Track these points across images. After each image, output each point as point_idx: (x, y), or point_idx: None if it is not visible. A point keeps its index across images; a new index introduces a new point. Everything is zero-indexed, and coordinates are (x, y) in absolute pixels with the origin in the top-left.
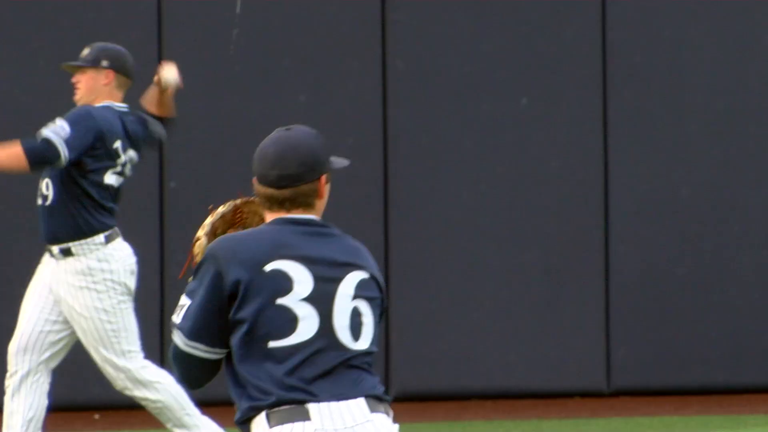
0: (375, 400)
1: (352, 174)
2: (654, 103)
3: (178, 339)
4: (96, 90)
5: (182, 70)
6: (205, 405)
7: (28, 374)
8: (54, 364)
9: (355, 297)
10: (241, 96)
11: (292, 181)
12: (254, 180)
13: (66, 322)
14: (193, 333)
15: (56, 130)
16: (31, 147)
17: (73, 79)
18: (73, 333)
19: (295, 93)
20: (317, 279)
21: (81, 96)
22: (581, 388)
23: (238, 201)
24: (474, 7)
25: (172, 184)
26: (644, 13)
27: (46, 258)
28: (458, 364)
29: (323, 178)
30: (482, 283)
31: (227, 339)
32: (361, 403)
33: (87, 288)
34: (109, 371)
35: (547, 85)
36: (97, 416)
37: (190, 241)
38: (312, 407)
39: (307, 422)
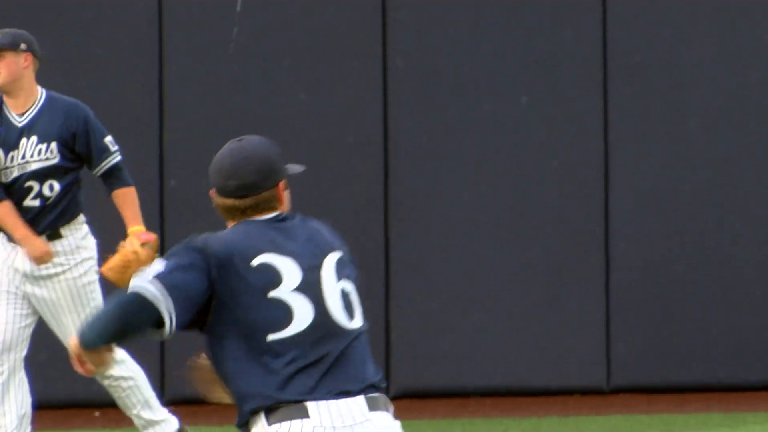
0: (375, 396)
1: (353, 173)
2: (654, 101)
3: (150, 284)
4: (18, 73)
5: (182, 69)
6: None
7: (13, 372)
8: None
9: (339, 278)
10: (241, 94)
11: (251, 189)
12: (212, 192)
13: (35, 313)
14: (171, 286)
15: (116, 147)
16: (129, 178)
17: None
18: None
19: (295, 91)
20: (303, 268)
21: (3, 82)
22: (581, 385)
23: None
24: (474, 6)
25: (172, 182)
26: (644, 11)
27: (6, 252)
28: (458, 361)
29: (281, 184)
30: (482, 282)
31: (187, 322)
32: (360, 401)
33: (75, 265)
34: None
35: (547, 84)
36: (97, 413)
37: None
38: (311, 405)
39: (305, 419)
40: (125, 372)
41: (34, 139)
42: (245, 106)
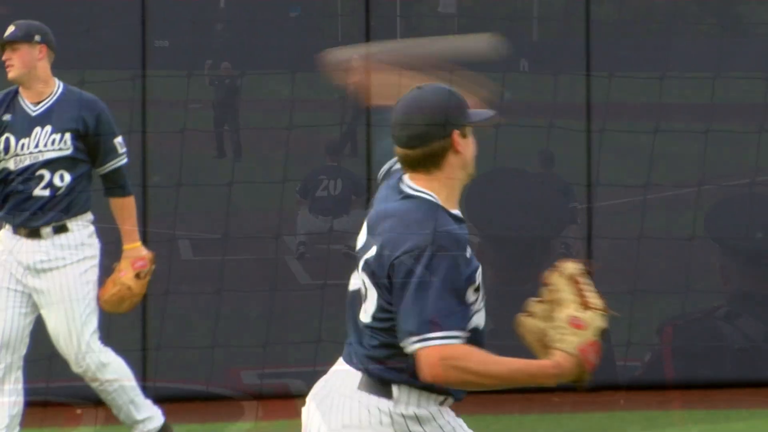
0: (372, 379)
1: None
2: (639, 96)
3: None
4: (32, 66)
5: (166, 62)
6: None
7: (10, 371)
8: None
9: (363, 270)
10: (225, 88)
11: (421, 141)
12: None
13: (34, 311)
14: None
15: (124, 150)
16: (130, 186)
17: (4, 57)
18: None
19: (278, 86)
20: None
21: (18, 74)
22: (563, 382)
23: None
24: None
25: (155, 178)
26: (627, 4)
27: (11, 245)
28: None
29: (456, 134)
30: None
31: None
32: (354, 375)
33: (78, 261)
34: (81, 352)
35: (530, 78)
36: (79, 411)
37: (173, 234)
38: (332, 369)
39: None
40: (111, 375)
41: (48, 128)
42: (228, 99)
